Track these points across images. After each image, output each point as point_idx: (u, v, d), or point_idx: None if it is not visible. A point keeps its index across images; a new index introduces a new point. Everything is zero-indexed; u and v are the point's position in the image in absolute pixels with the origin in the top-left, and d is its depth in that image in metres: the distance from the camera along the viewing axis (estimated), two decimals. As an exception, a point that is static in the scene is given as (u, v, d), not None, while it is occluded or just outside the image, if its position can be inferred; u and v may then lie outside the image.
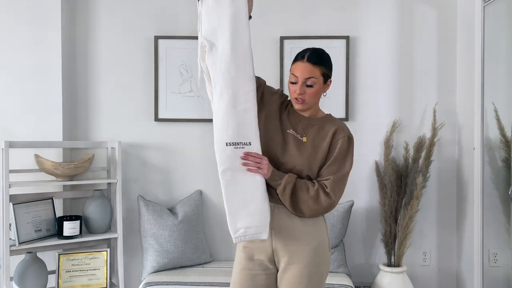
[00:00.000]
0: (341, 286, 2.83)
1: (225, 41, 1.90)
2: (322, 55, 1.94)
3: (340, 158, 1.93)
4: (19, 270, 2.74)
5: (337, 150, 1.93)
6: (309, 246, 1.91)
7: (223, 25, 1.91)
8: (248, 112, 1.89)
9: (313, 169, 1.93)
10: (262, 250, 1.96)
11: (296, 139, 1.95)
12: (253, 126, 1.89)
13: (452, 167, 3.31)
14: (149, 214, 3.09)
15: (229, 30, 1.90)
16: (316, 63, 1.90)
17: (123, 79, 3.31)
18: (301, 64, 1.91)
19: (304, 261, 1.90)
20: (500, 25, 2.99)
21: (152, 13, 3.31)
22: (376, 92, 3.31)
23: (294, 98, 1.94)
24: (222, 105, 1.88)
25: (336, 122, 1.99)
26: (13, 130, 3.06)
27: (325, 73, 1.93)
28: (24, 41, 3.08)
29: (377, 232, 3.32)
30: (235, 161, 1.87)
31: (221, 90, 1.89)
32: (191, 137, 3.31)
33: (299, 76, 1.90)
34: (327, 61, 1.95)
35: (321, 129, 1.96)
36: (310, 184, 1.90)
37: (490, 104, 2.96)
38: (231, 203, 1.88)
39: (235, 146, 1.87)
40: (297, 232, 1.92)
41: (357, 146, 3.24)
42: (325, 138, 1.94)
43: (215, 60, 1.91)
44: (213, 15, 1.92)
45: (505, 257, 2.92)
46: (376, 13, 3.31)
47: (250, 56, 1.93)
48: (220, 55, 1.90)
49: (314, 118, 1.99)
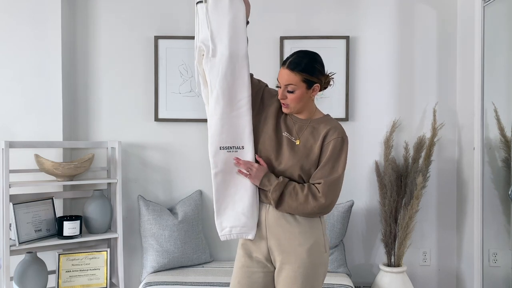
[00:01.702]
0: (341, 286, 2.83)
1: (223, 47, 1.93)
2: (305, 61, 1.89)
3: (333, 160, 1.90)
4: (19, 270, 2.74)
5: (329, 152, 1.90)
6: (304, 246, 1.91)
7: (222, 30, 1.94)
8: (242, 118, 1.95)
9: (305, 171, 1.93)
10: (259, 249, 1.97)
11: (290, 141, 1.96)
12: (246, 131, 1.96)
13: (452, 167, 3.31)
14: (149, 214, 3.09)
15: (227, 36, 1.93)
16: (294, 70, 1.88)
17: (123, 79, 3.31)
18: (282, 71, 1.93)
19: (298, 261, 1.90)
20: (500, 25, 2.99)
21: (152, 13, 3.31)
22: (376, 92, 3.31)
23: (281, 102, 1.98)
24: (217, 110, 1.94)
25: (330, 123, 1.96)
26: (13, 130, 3.06)
27: (307, 79, 1.89)
28: (24, 41, 3.08)
29: (377, 232, 3.32)
30: (227, 164, 1.95)
31: (217, 95, 1.93)
32: (191, 137, 3.31)
33: (281, 82, 1.93)
34: (310, 67, 1.89)
35: (315, 130, 1.96)
36: (299, 189, 1.89)
37: (490, 104, 2.96)
38: (220, 203, 1.97)
39: (228, 150, 1.95)
40: (292, 231, 1.92)
41: (357, 146, 3.27)
42: (317, 140, 1.93)
43: (213, 65, 1.94)
44: (212, 20, 1.95)
45: (505, 257, 2.92)
46: (376, 13, 3.31)
47: (247, 62, 1.97)
48: (218, 60, 1.94)
49: (309, 119, 1.98)
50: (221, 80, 1.93)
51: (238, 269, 2.01)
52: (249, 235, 1.95)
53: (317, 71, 1.92)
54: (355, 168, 3.27)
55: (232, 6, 1.94)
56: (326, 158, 1.90)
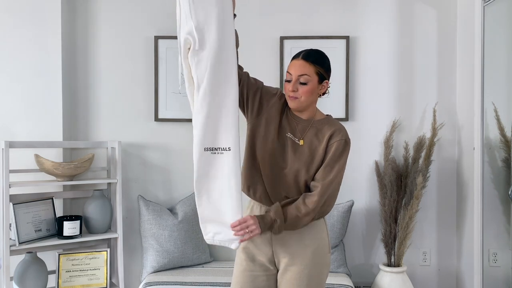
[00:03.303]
0: (341, 286, 2.83)
1: (212, 39, 1.78)
2: (318, 55, 1.92)
3: (333, 162, 1.89)
4: (19, 270, 2.74)
5: (331, 153, 1.89)
6: (309, 247, 1.92)
7: (210, 22, 1.78)
8: (230, 117, 1.81)
9: (310, 173, 1.91)
10: (262, 252, 1.96)
11: (294, 142, 1.92)
12: (233, 131, 1.81)
13: (452, 167, 3.30)
14: (149, 214, 3.09)
15: (216, 28, 1.78)
16: (310, 61, 1.88)
17: (123, 79, 3.31)
18: (295, 62, 1.90)
19: (303, 263, 1.91)
20: (500, 25, 2.99)
21: (152, 13, 3.31)
22: (376, 92, 3.31)
23: (288, 96, 1.91)
24: (204, 108, 1.80)
25: (334, 125, 1.95)
26: (13, 130, 3.06)
27: (320, 72, 1.89)
28: (24, 41, 3.08)
29: (377, 232, 3.32)
30: (211, 167, 1.81)
31: (204, 91, 1.80)
32: (191, 137, 3.28)
33: (293, 73, 1.88)
34: (324, 61, 1.92)
35: (319, 132, 1.93)
36: (301, 206, 1.87)
37: (490, 104, 2.96)
38: (203, 210, 1.84)
39: (212, 151, 1.82)
40: (297, 234, 1.92)
41: (357, 146, 3.27)
42: (322, 141, 1.91)
43: (200, 59, 1.80)
44: (199, 11, 1.79)
45: (505, 257, 2.92)
46: (376, 13, 3.31)
47: (236, 58, 1.85)
48: (206, 53, 1.78)
49: (312, 120, 1.95)
50: (209, 75, 1.78)
51: (240, 273, 2.00)
52: (233, 245, 1.86)
53: (328, 66, 1.94)
54: (355, 168, 3.27)
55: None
56: (328, 159, 1.89)
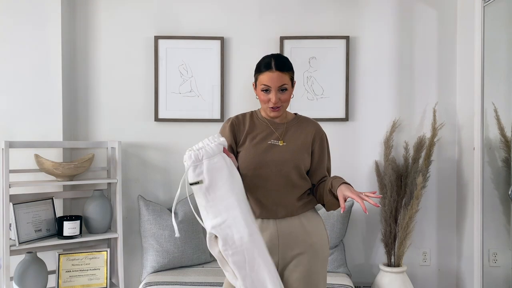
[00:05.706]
0: (341, 286, 2.83)
1: (242, 233, 1.78)
2: (287, 61, 1.99)
3: (327, 153, 2.09)
4: (19, 270, 2.74)
5: (325, 147, 2.07)
6: (315, 242, 1.98)
7: (234, 215, 1.79)
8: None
9: (297, 161, 1.97)
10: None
11: (274, 145, 1.98)
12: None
13: (452, 167, 3.30)
14: (149, 214, 3.09)
15: (242, 220, 1.79)
16: (283, 71, 1.94)
17: (123, 79, 3.31)
18: (271, 75, 1.92)
19: (308, 257, 1.96)
20: (500, 25, 2.99)
21: (152, 13, 3.31)
22: (376, 92, 3.31)
23: (269, 107, 1.97)
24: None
25: (311, 121, 2.09)
26: (13, 130, 3.06)
27: (292, 77, 1.99)
28: (24, 41, 3.08)
29: (377, 232, 3.32)
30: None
31: None
32: (191, 137, 3.29)
33: (272, 86, 1.93)
34: (291, 65, 2.00)
35: (301, 129, 2.04)
36: None
37: (490, 104, 2.96)
38: None
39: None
40: (304, 231, 1.98)
41: (357, 146, 3.28)
42: (308, 136, 2.02)
43: (235, 252, 1.79)
44: (218, 204, 1.81)
45: (505, 257, 2.92)
46: (376, 13, 3.31)
47: (261, 237, 1.83)
48: (238, 246, 1.79)
49: (285, 122, 2.04)
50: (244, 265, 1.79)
51: None
52: None
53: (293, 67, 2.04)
54: (355, 168, 3.27)
55: (234, 181, 1.82)
56: (325, 153, 2.06)
